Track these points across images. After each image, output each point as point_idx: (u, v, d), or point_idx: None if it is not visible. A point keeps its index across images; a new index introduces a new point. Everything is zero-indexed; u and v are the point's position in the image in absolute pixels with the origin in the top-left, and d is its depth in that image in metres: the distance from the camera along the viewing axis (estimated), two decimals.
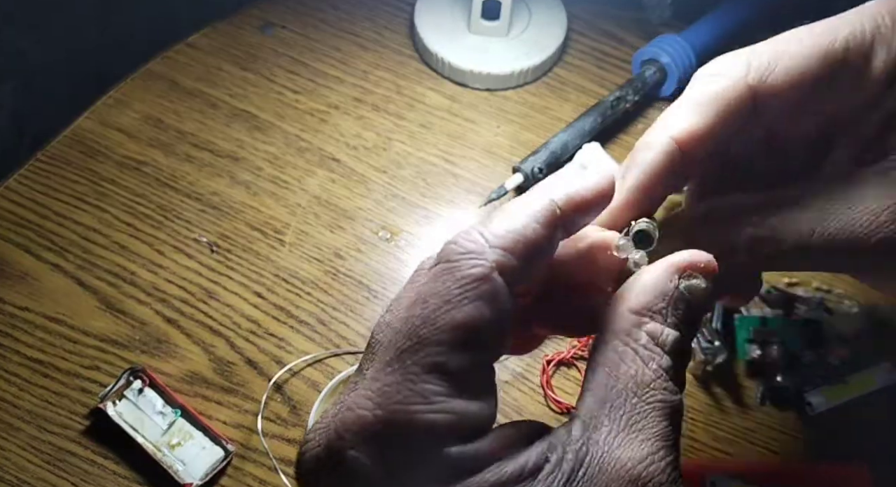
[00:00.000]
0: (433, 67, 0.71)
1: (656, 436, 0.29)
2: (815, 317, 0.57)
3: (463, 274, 0.28)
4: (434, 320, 0.27)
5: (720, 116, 0.34)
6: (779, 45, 0.34)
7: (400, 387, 0.27)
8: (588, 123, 0.66)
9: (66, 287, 0.59)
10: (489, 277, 0.28)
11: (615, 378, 0.29)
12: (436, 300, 0.27)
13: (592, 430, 0.28)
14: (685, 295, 0.30)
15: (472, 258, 0.28)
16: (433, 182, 0.65)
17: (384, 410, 0.27)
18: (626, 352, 0.29)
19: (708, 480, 0.50)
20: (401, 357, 0.27)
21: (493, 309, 0.28)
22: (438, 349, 0.27)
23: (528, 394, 0.56)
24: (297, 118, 0.68)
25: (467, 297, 0.27)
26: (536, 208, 0.30)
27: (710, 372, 0.56)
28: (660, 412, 0.29)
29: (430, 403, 0.27)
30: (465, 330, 0.27)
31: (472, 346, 0.28)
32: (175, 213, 0.63)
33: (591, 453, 0.28)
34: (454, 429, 0.27)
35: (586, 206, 0.31)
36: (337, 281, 0.60)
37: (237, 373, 0.56)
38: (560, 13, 0.73)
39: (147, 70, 0.70)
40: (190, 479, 0.51)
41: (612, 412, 0.29)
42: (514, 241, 0.29)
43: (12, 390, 0.55)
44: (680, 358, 0.30)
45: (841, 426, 0.55)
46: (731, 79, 0.34)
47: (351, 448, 0.27)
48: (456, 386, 0.27)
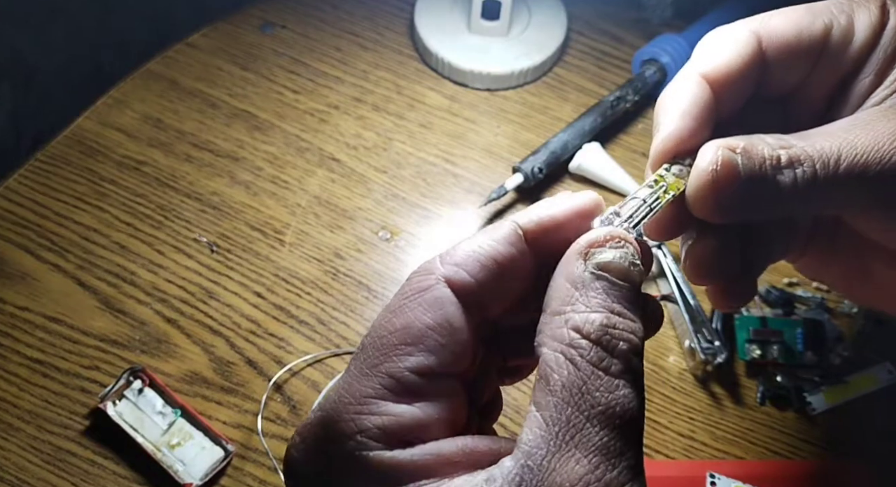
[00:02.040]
0: (433, 67, 0.71)
1: (593, 451, 0.25)
2: (815, 317, 0.57)
3: (410, 287, 0.29)
4: (377, 327, 0.29)
5: (738, 57, 0.34)
6: (770, 14, 0.36)
7: (339, 390, 0.28)
8: (588, 123, 0.66)
9: (66, 287, 0.59)
10: (432, 287, 0.29)
11: (549, 391, 0.26)
12: (383, 312, 0.29)
13: (528, 457, 0.26)
14: (598, 273, 0.28)
15: (422, 274, 0.29)
16: (433, 182, 0.65)
17: (322, 410, 0.28)
18: (555, 358, 0.27)
19: (708, 480, 0.50)
20: (351, 363, 0.29)
21: (432, 315, 0.28)
22: (376, 352, 0.28)
23: (528, 394, 0.56)
24: (297, 118, 0.68)
25: (407, 306, 0.29)
26: (495, 230, 0.30)
27: (710, 372, 0.56)
28: (596, 419, 0.26)
29: (360, 404, 0.27)
30: (402, 334, 0.28)
31: (409, 349, 0.28)
32: (175, 213, 0.63)
33: (525, 483, 0.25)
34: (380, 431, 0.27)
35: (554, 223, 0.30)
36: (337, 281, 0.60)
37: (237, 373, 0.56)
38: (560, 13, 0.73)
39: (147, 70, 0.70)
40: (190, 479, 0.51)
41: (548, 431, 0.26)
42: (466, 257, 0.29)
43: (12, 390, 0.55)
44: (617, 342, 0.27)
45: (841, 426, 0.55)
46: (735, 28, 0.35)
47: (294, 447, 0.29)
48: (391, 389, 0.28)
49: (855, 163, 0.31)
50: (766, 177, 0.31)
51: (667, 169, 0.33)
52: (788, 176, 0.31)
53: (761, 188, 0.31)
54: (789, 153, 0.31)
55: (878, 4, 0.35)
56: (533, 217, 0.30)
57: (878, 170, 0.31)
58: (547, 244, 0.30)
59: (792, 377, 0.56)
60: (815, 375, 0.56)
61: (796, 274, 0.60)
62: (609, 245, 0.29)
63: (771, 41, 0.35)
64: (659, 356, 0.58)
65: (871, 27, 0.35)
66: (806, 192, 0.31)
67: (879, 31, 0.35)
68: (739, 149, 0.31)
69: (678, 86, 0.34)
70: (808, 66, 0.36)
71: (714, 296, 0.36)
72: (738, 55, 0.34)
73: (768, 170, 0.31)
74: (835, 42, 0.35)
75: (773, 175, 0.31)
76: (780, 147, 0.32)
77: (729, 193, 0.31)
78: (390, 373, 0.28)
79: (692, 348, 0.56)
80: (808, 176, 0.31)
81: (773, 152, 0.31)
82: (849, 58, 0.35)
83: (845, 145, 0.32)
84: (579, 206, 0.30)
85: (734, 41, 0.35)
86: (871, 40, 0.35)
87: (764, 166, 0.31)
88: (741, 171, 0.31)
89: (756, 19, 0.36)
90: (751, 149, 0.31)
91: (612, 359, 0.27)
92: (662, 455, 0.54)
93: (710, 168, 0.31)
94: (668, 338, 0.59)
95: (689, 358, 0.57)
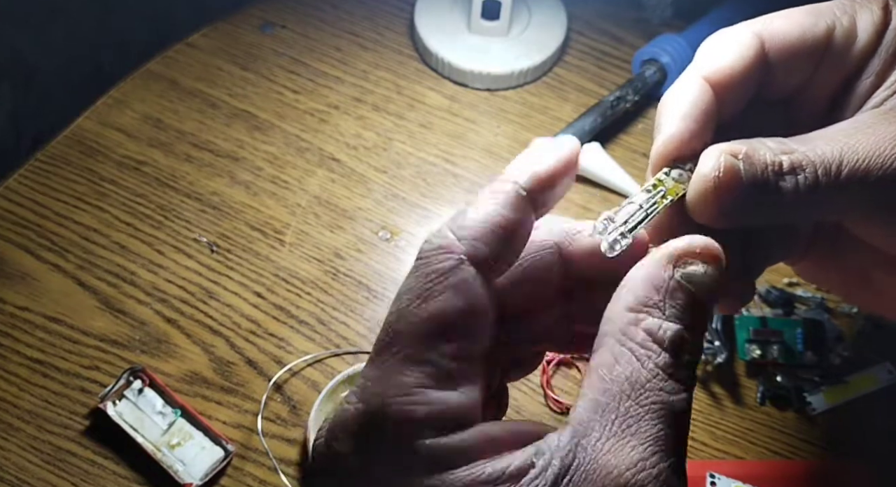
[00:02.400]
0: (433, 67, 0.71)
1: (650, 440, 0.27)
2: (815, 317, 0.57)
3: (432, 268, 0.29)
4: (407, 315, 0.28)
5: (741, 59, 0.35)
6: (773, 16, 0.36)
7: (379, 380, 0.28)
8: (588, 123, 0.66)
9: (66, 287, 0.59)
10: (458, 268, 0.29)
11: (609, 380, 0.28)
12: (408, 295, 0.29)
13: (581, 436, 0.27)
14: (683, 284, 0.29)
15: (442, 253, 0.29)
16: (433, 182, 0.65)
17: (364, 403, 0.28)
18: (621, 353, 0.28)
19: (708, 480, 0.50)
20: (381, 352, 0.29)
21: (464, 298, 0.28)
22: (412, 341, 0.28)
23: (528, 394, 0.56)
24: (297, 118, 0.68)
25: (436, 290, 0.28)
26: (501, 195, 0.30)
27: (710, 372, 0.56)
28: (655, 414, 0.27)
29: (406, 394, 0.27)
30: (437, 322, 0.28)
31: (446, 336, 0.28)
32: (175, 213, 0.63)
33: (577, 460, 0.27)
34: (431, 420, 0.27)
35: (551, 180, 0.31)
36: (337, 281, 0.60)
37: (237, 373, 0.56)
38: (560, 13, 0.73)
39: (147, 70, 0.70)
40: (190, 479, 0.51)
41: (604, 416, 0.27)
42: (482, 230, 0.29)
43: (12, 390, 0.55)
44: (684, 354, 0.28)
45: (841, 426, 0.55)
46: (738, 30, 0.36)
47: (336, 441, 0.28)
48: (433, 377, 0.28)
49: (857, 168, 0.31)
50: (767, 182, 0.31)
51: (666, 173, 0.33)
52: (790, 182, 0.31)
53: (763, 194, 0.31)
54: (791, 159, 0.31)
55: (880, 5, 0.35)
56: (532, 175, 0.31)
57: (879, 175, 0.31)
58: (540, 196, 0.31)
59: (792, 377, 0.56)
60: (815, 375, 0.56)
61: (796, 274, 0.60)
62: (702, 259, 0.29)
63: (773, 43, 0.35)
64: None
65: (874, 27, 0.35)
66: (808, 198, 0.31)
67: (882, 32, 0.35)
68: (742, 154, 0.31)
69: (680, 89, 0.34)
70: (811, 68, 0.35)
71: None
72: (741, 57, 0.35)
73: (770, 175, 0.31)
74: (838, 43, 0.35)
75: (776, 181, 0.31)
76: (782, 152, 0.32)
77: (731, 199, 0.31)
78: (432, 362, 0.28)
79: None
80: (809, 182, 0.31)
81: (775, 158, 0.31)
82: (852, 59, 0.35)
83: (847, 150, 0.32)
84: (568, 156, 0.31)
85: (737, 43, 0.35)
86: (873, 41, 0.35)
87: (766, 172, 0.31)
88: (743, 177, 0.31)
89: (759, 21, 0.36)
90: (753, 154, 0.31)
91: (678, 368, 0.28)
92: None
93: (713, 174, 0.31)
94: None
95: None
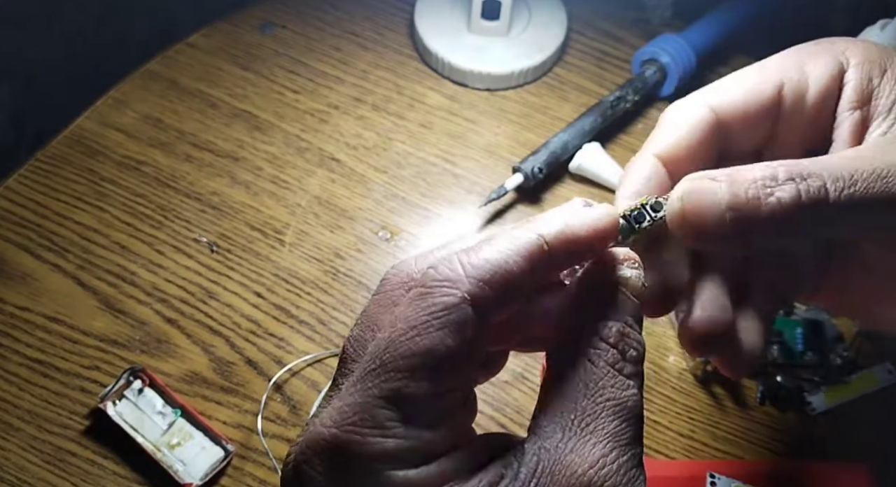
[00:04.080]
0: (433, 67, 0.71)
1: (608, 437, 0.28)
2: (815, 317, 0.57)
3: (434, 301, 0.28)
4: (398, 345, 0.28)
5: (691, 133, 0.36)
6: (721, 83, 0.37)
7: (357, 408, 0.28)
8: (588, 123, 0.66)
9: (66, 287, 0.59)
10: (458, 307, 0.28)
11: (565, 382, 0.29)
12: (403, 325, 0.28)
13: (544, 440, 0.28)
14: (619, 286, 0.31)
15: (447, 287, 0.28)
16: (433, 182, 0.65)
17: (339, 429, 0.28)
18: (573, 354, 0.30)
19: (708, 480, 0.50)
20: (364, 378, 0.28)
21: (457, 339, 0.28)
22: (397, 375, 0.27)
23: (529, 394, 0.56)
24: (297, 118, 0.68)
25: (433, 325, 0.27)
26: (522, 241, 0.29)
27: (710, 372, 0.56)
28: (610, 410, 0.28)
29: (381, 428, 0.27)
30: (426, 358, 0.27)
31: (432, 374, 0.27)
32: (175, 213, 0.63)
33: (542, 463, 0.28)
34: (404, 454, 0.27)
35: (578, 244, 0.30)
36: (337, 281, 0.60)
37: (237, 373, 0.56)
38: (560, 13, 0.73)
39: (147, 70, 0.70)
40: (190, 479, 0.51)
41: (563, 417, 0.28)
42: (493, 273, 0.28)
43: (12, 390, 0.55)
44: (629, 349, 0.30)
45: (841, 426, 0.55)
46: (691, 104, 0.37)
47: (306, 463, 0.28)
48: (410, 413, 0.27)
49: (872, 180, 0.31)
50: (756, 195, 0.31)
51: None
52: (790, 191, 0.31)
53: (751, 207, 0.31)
54: (791, 169, 0.31)
55: (832, 54, 0.36)
56: (559, 234, 0.30)
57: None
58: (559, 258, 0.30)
59: (792, 377, 0.56)
60: (815, 375, 0.56)
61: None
62: (627, 264, 0.31)
63: (725, 111, 0.36)
64: (659, 356, 0.58)
65: (826, 75, 0.36)
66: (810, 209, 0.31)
67: (838, 76, 0.36)
68: (723, 175, 0.31)
69: (634, 167, 0.36)
70: (768, 125, 0.37)
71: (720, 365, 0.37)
72: (691, 133, 0.36)
73: (761, 187, 0.31)
74: (789, 99, 0.36)
75: (768, 193, 0.31)
76: (779, 165, 0.31)
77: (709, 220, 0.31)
78: (414, 399, 0.27)
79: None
80: (814, 190, 0.31)
81: (768, 171, 0.31)
82: (808, 109, 0.36)
83: (860, 168, 0.31)
84: (603, 229, 0.30)
85: (688, 119, 0.36)
86: (828, 87, 0.36)
87: (755, 185, 0.31)
88: (720, 194, 0.31)
89: (710, 91, 0.37)
90: (738, 173, 0.31)
91: (624, 362, 0.30)
92: (662, 455, 0.54)
93: (677, 199, 0.31)
94: (668, 338, 0.59)
95: (689, 358, 0.57)
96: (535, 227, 0.30)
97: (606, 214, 0.30)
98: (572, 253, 0.30)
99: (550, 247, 0.29)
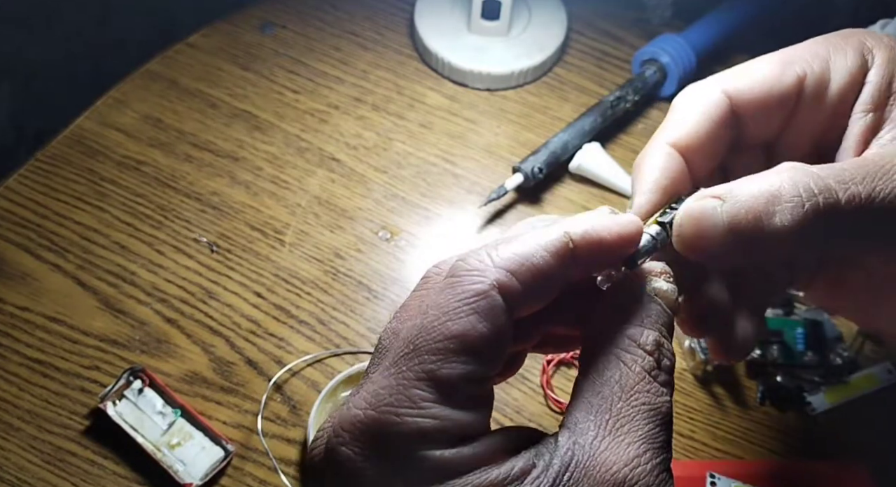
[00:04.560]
0: (433, 67, 0.71)
1: (642, 439, 0.29)
2: (815, 317, 0.57)
3: (464, 288, 0.29)
4: (431, 330, 0.29)
5: (705, 119, 0.35)
6: (739, 69, 0.36)
7: (392, 390, 0.28)
8: (588, 123, 0.66)
9: (66, 287, 0.59)
10: (487, 294, 0.29)
11: (600, 383, 0.30)
12: (435, 311, 0.29)
13: (578, 436, 0.29)
14: (654, 297, 0.32)
15: (475, 275, 0.29)
16: (433, 182, 0.65)
17: (375, 410, 0.28)
18: (610, 358, 0.30)
19: (708, 480, 0.50)
20: (397, 362, 0.29)
21: (488, 324, 0.29)
22: (431, 357, 0.28)
23: (528, 394, 0.56)
24: (297, 118, 0.68)
25: (464, 311, 0.29)
26: (549, 238, 0.30)
27: (710, 372, 0.56)
28: (645, 414, 0.29)
29: (417, 408, 0.28)
30: (459, 342, 0.28)
31: (464, 358, 0.28)
32: (175, 213, 0.63)
33: (576, 458, 0.28)
34: (439, 434, 0.28)
35: (603, 246, 0.31)
36: (337, 281, 0.60)
37: (237, 373, 0.56)
38: (560, 13, 0.73)
39: (147, 70, 0.70)
40: (190, 479, 0.51)
41: (598, 416, 0.29)
42: (519, 264, 0.29)
43: (12, 390, 0.55)
44: (663, 358, 0.31)
45: (841, 426, 0.55)
46: (705, 88, 0.36)
47: (343, 445, 0.29)
48: (445, 394, 0.28)
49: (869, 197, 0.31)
50: (757, 214, 0.31)
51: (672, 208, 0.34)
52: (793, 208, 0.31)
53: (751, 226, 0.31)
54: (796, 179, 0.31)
55: (855, 47, 0.35)
56: (585, 234, 0.31)
57: None
58: (583, 261, 0.31)
59: (792, 377, 0.56)
60: (815, 375, 0.56)
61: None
62: (663, 277, 0.32)
63: (741, 99, 0.36)
64: None
65: (849, 71, 0.35)
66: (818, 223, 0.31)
67: (860, 74, 0.35)
68: (724, 193, 0.32)
69: (649, 156, 0.36)
70: (784, 116, 0.36)
71: (712, 349, 0.37)
72: (707, 120, 0.35)
73: (763, 205, 0.31)
74: (810, 91, 0.35)
75: (770, 210, 0.31)
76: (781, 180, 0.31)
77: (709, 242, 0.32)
78: (448, 381, 0.28)
79: (692, 348, 0.56)
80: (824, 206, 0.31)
81: (772, 186, 0.31)
82: (828, 103, 0.35)
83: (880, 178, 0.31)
84: (627, 236, 0.31)
85: (703, 105, 0.36)
86: (850, 83, 0.35)
87: (756, 202, 0.31)
88: (720, 215, 0.31)
89: (727, 76, 0.36)
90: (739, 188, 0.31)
91: (659, 371, 0.30)
92: None
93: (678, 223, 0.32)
94: None
95: (689, 358, 0.57)
96: (563, 226, 0.31)
97: (631, 222, 0.32)
98: (596, 253, 0.31)
99: (575, 246, 0.30)
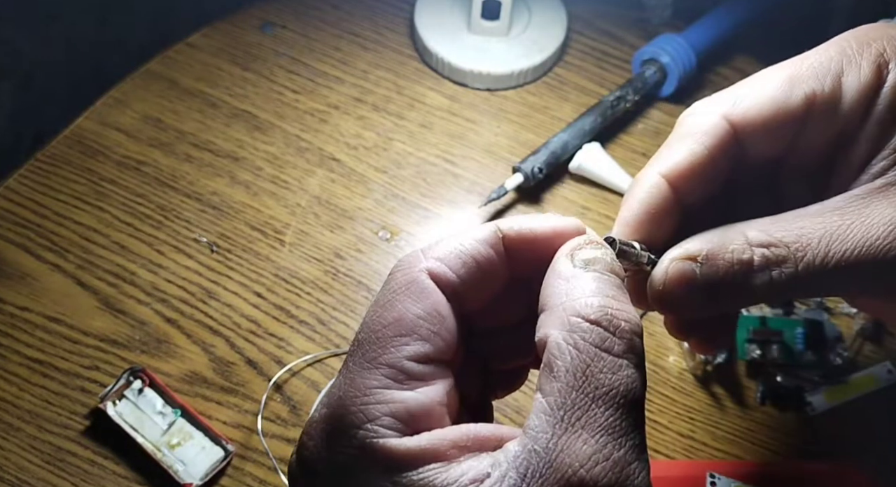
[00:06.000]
0: (433, 67, 0.71)
1: (600, 430, 0.26)
2: (815, 317, 0.57)
3: (396, 281, 0.31)
4: (371, 323, 0.30)
5: (702, 149, 0.34)
6: (743, 88, 0.35)
7: (343, 385, 0.29)
8: (588, 123, 0.66)
9: (66, 287, 0.59)
10: (416, 279, 0.30)
11: (553, 378, 0.27)
12: (374, 307, 0.31)
13: (534, 441, 0.26)
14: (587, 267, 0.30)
15: (405, 268, 0.31)
16: (433, 182, 0.65)
17: (328, 407, 0.30)
18: (557, 345, 0.28)
19: (708, 480, 0.50)
20: (347, 361, 0.30)
21: (420, 304, 0.30)
22: (374, 347, 0.30)
23: (528, 395, 0.56)
24: (297, 118, 0.68)
25: (397, 299, 0.30)
26: (479, 229, 0.32)
27: (710, 372, 0.56)
28: (601, 400, 0.26)
29: (364, 395, 0.29)
30: (395, 327, 0.30)
31: (405, 339, 0.29)
32: (175, 213, 0.63)
33: (532, 467, 0.26)
34: (389, 419, 0.28)
35: (532, 237, 0.32)
36: (337, 281, 0.60)
37: (237, 373, 0.56)
38: (560, 13, 0.73)
39: (147, 70, 0.70)
40: (190, 479, 0.51)
41: (553, 415, 0.26)
42: (448, 252, 0.31)
43: (12, 390, 0.55)
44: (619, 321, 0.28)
45: (841, 426, 0.55)
46: (705, 114, 0.35)
47: (304, 444, 0.30)
48: (392, 378, 0.29)
49: (845, 257, 0.31)
50: (733, 281, 0.32)
51: None
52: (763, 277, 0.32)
53: (729, 291, 0.32)
54: (767, 254, 0.32)
55: (871, 61, 0.33)
56: (514, 225, 0.32)
57: (871, 267, 0.31)
58: (523, 254, 0.32)
59: (792, 377, 0.56)
60: (815, 375, 0.56)
61: None
62: (589, 247, 0.31)
63: (744, 122, 0.34)
64: (659, 356, 0.58)
65: (860, 89, 0.33)
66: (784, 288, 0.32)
67: (872, 92, 0.33)
68: (702, 256, 0.32)
69: (637, 187, 0.35)
70: (789, 137, 0.35)
71: (694, 347, 0.38)
72: (702, 149, 0.34)
73: (737, 274, 0.32)
74: (819, 110, 0.33)
75: (744, 278, 0.32)
76: (760, 244, 0.32)
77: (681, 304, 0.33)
78: (390, 364, 0.29)
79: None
80: (786, 276, 0.32)
81: (745, 255, 0.32)
82: (836, 123, 0.34)
83: (835, 238, 0.32)
84: (561, 228, 0.32)
85: (700, 134, 0.34)
86: (861, 103, 0.33)
87: (732, 271, 0.32)
88: (699, 280, 0.32)
89: (731, 97, 0.34)
90: (717, 254, 0.32)
91: (614, 339, 0.28)
92: (662, 455, 0.54)
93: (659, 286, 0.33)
94: (667, 338, 0.59)
95: (689, 358, 0.57)
96: (495, 222, 0.32)
97: (570, 221, 0.32)
98: (529, 244, 0.32)
99: (505, 235, 0.32)
